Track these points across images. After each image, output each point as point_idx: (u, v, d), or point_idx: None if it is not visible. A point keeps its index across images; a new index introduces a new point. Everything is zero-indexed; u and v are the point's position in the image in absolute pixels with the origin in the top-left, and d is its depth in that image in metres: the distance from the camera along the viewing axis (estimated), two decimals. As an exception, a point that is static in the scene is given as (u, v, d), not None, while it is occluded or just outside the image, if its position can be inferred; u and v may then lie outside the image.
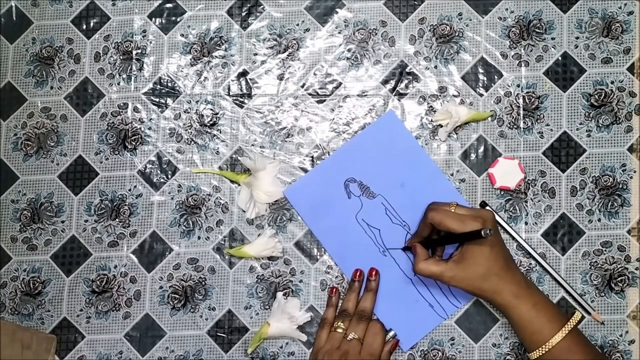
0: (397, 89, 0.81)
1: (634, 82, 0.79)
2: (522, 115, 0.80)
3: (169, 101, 0.82)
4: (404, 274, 0.78)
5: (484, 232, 0.66)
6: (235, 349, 0.78)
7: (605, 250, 0.77)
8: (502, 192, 0.78)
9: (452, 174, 0.79)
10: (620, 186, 0.78)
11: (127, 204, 0.81)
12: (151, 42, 0.83)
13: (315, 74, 0.82)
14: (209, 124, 0.82)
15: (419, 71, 0.81)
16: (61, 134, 0.83)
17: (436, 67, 0.81)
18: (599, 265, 0.77)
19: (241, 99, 0.82)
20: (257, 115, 0.81)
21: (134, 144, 0.82)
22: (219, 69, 0.83)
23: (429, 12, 0.82)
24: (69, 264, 0.81)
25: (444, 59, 0.81)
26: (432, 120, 0.80)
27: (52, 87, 0.83)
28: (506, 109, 0.80)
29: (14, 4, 0.85)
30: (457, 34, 0.81)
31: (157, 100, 0.82)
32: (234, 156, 0.81)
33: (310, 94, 0.82)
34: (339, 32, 0.82)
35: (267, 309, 0.79)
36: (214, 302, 0.79)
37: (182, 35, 0.83)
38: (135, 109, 0.83)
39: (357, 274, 0.77)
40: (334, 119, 0.81)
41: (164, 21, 0.84)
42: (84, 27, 0.84)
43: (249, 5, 0.83)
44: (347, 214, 0.78)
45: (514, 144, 0.79)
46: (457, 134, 0.80)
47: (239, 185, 0.80)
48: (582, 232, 0.78)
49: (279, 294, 0.77)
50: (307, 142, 0.81)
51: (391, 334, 0.76)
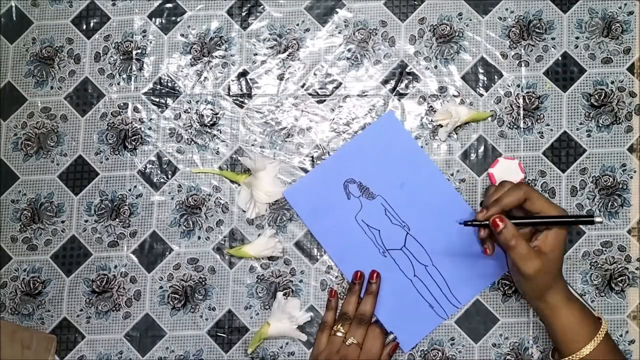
0: (397, 89, 0.81)
1: (634, 82, 0.79)
2: (522, 115, 0.80)
3: (169, 101, 0.82)
4: (404, 275, 0.78)
5: (597, 219, 0.65)
6: (235, 349, 0.78)
7: (605, 250, 0.77)
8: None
9: (452, 174, 0.79)
10: (620, 186, 0.78)
11: (127, 204, 0.81)
12: (151, 42, 0.83)
13: (315, 74, 0.82)
14: (209, 124, 0.82)
15: (419, 71, 0.81)
16: (61, 134, 0.83)
17: (436, 67, 0.81)
18: (599, 265, 0.77)
19: (241, 99, 0.82)
20: (257, 115, 0.82)
21: (134, 144, 0.82)
22: (219, 69, 0.83)
23: (429, 12, 0.82)
24: (69, 264, 0.81)
25: (444, 59, 0.81)
26: (432, 120, 0.80)
27: (52, 87, 0.83)
28: (506, 109, 0.80)
29: (14, 4, 0.85)
30: (457, 34, 0.81)
31: (157, 100, 0.82)
32: (234, 156, 0.81)
33: (310, 94, 0.82)
34: (339, 32, 0.82)
35: (267, 309, 0.79)
36: (214, 302, 0.79)
37: (182, 35, 0.83)
38: (135, 109, 0.83)
39: (358, 275, 0.76)
40: (334, 119, 0.81)
41: (164, 21, 0.84)
42: (84, 27, 0.84)
43: (249, 5, 0.83)
44: (347, 214, 0.78)
45: (514, 144, 0.79)
46: (457, 134, 0.80)
47: (239, 185, 0.80)
48: (582, 232, 0.78)
49: (279, 294, 0.77)
50: (307, 142, 0.81)
51: (391, 337, 0.76)
